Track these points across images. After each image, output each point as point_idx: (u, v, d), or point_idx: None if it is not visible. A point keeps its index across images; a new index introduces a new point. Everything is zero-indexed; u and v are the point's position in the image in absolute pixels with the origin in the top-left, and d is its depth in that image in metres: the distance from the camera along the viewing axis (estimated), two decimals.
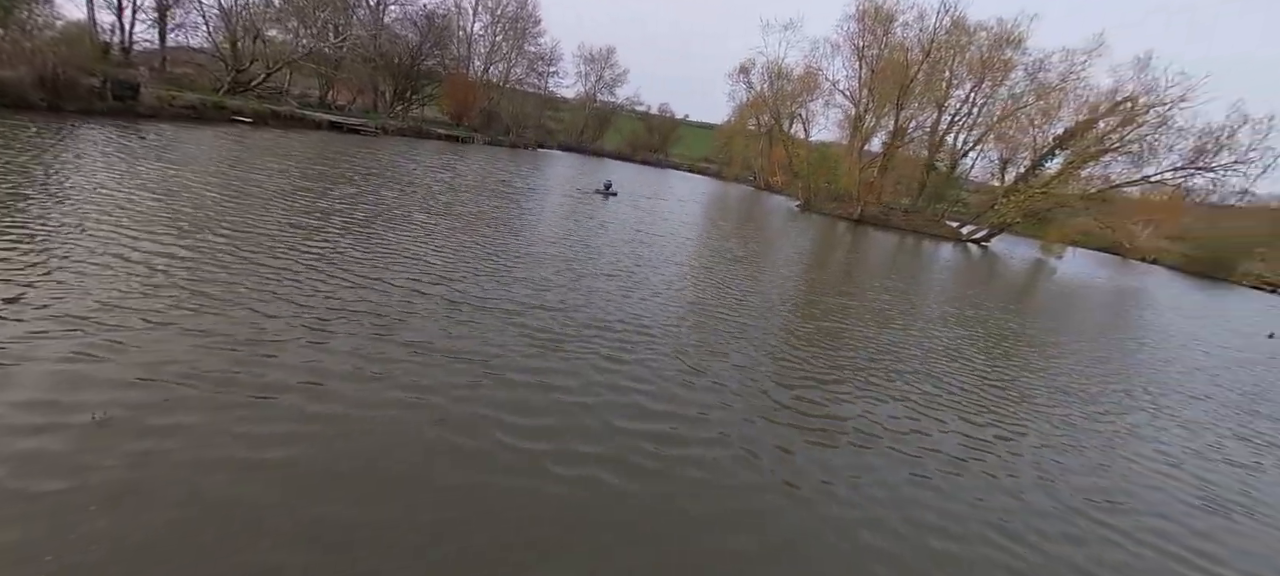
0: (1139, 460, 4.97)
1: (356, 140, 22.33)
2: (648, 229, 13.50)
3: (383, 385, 3.82)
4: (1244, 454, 5.66)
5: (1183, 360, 9.85)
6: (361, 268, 6.25)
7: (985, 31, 30.46)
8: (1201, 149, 26.06)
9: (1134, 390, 7.25)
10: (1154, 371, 8.58)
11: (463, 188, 14.40)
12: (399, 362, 4.18)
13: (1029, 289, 16.93)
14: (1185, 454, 5.34)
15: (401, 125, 31.20)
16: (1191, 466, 5.05)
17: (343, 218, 8.47)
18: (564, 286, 7.06)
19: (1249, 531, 4.08)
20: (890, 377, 5.94)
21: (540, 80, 48.39)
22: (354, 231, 7.80)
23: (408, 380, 3.95)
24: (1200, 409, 6.97)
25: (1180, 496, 4.41)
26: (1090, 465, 4.68)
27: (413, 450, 3.20)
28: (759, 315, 7.48)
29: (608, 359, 4.98)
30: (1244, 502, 4.52)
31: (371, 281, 5.86)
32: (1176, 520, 4.02)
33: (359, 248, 7.02)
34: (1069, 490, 4.14)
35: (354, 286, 5.61)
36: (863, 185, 31.20)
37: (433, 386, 3.93)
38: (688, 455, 3.67)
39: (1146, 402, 6.79)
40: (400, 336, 4.63)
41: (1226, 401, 7.57)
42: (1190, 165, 26.63)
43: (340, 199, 9.83)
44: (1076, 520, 3.76)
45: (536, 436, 3.55)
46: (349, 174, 12.97)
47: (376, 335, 4.58)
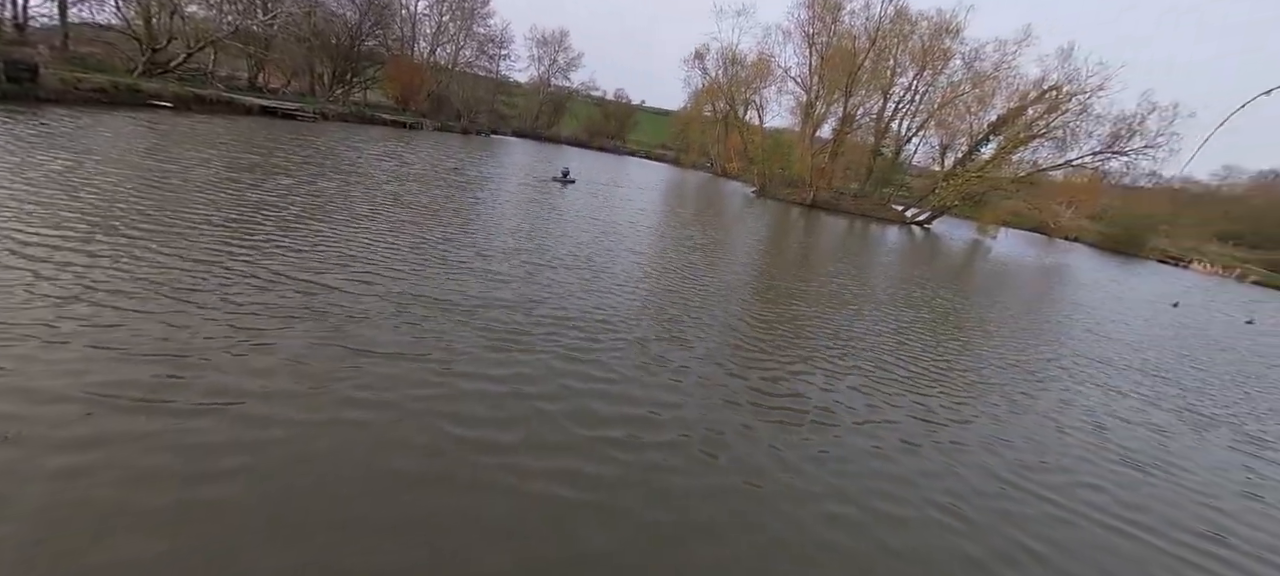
0: (1071, 431, 5.35)
1: (292, 126, 20.89)
2: (607, 217, 13.35)
3: (326, 396, 3.56)
4: (1159, 418, 6.20)
5: (1102, 331, 10.70)
6: (299, 266, 5.82)
7: (926, 21, 31.80)
8: (1116, 134, 28.27)
9: (1063, 361, 7.81)
10: (1079, 344, 9.27)
11: (411, 177, 13.71)
12: (343, 370, 3.91)
13: (967, 268, 17.93)
14: (1110, 421, 5.79)
15: (343, 110, 29.47)
16: (1116, 433, 5.49)
17: (277, 211, 7.88)
18: (522, 280, 6.85)
19: (1168, 491, 4.46)
20: (847, 359, 6.12)
21: (491, 63, 46.70)
22: (290, 226, 7.26)
23: (354, 389, 3.69)
24: (1119, 377, 7.58)
25: (1108, 462, 4.77)
26: (1030, 437, 4.99)
27: (361, 467, 2.98)
28: (720, 302, 7.54)
29: (569, 355, 4.87)
30: (1161, 463, 4.95)
31: (310, 281, 5.46)
32: (1107, 486, 4.34)
33: (296, 244, 6.54)
34: (1013, 463, 4.40)
35: (291, 287, 5.21)
36: (815, 171, 32.06)
37: (382, 394, 3.69)
38: (652, 454, 3.63)
39: (1075, 374, 7.32)
40: (344, 341, 4.34)
41: (1140, 368, 8.28)
42: (1107, 149, 28.84)
43: (274, 191, 9.15)
44: (1020, 493, 3.99)
45: (497, 443, 3.42)
46: (284, 163, 12.10)
47: (317, 341, 4.27)
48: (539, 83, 55.16)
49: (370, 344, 4.37)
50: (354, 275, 5.85)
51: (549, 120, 55.93)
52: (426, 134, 31.60)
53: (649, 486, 3.26)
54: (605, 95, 64.36)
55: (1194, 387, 7.74)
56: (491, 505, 2.87)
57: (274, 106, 23.55)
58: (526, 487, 3.05)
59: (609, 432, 3.75)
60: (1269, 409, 7.39)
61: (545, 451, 3.41)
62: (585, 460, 3.40)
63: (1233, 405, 7.23)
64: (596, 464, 3.38)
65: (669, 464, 3.53)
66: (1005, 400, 5.79)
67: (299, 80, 33.47)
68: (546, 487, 3.08)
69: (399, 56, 39.29)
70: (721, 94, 40.06)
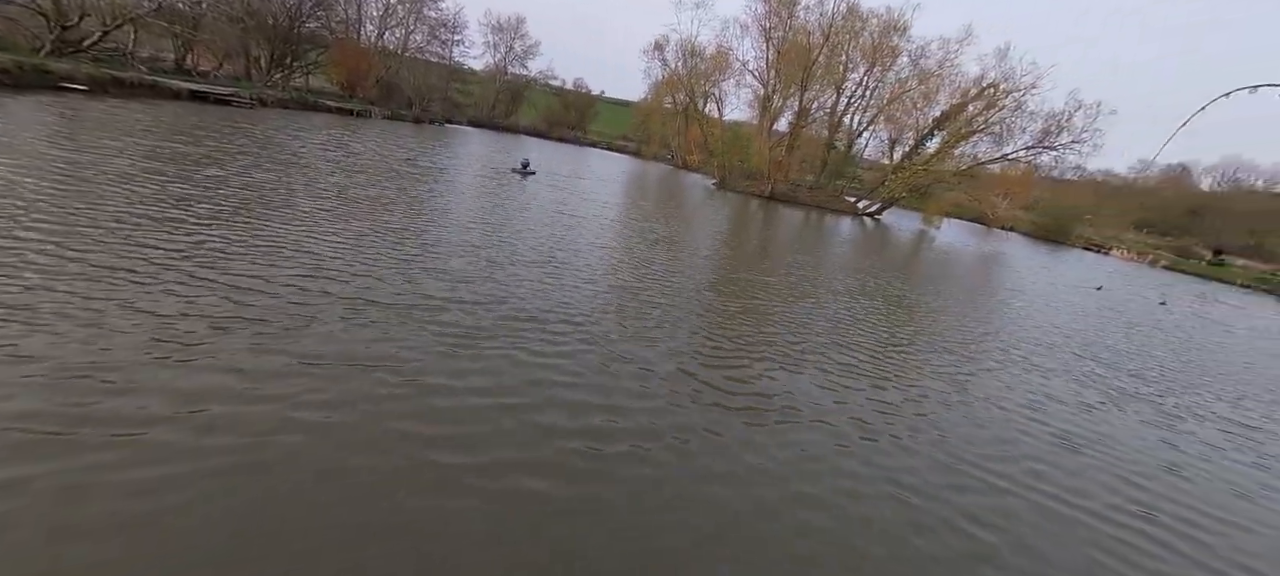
0: (1013, 412, 5.68)
1: (226, 113, 19.45)
2: (570, 211, 13.15)
3: (270, 407, 3.32)
4: (1088, 397, 6.68)
5: (1036, 316, 11.44)
6: (235, 266, 5.41)
7: (876, 18, 32.86)
8: (1047, 130, 30.20)
9: (1003, 345, 8.30)
10: (1017, 329, 9.87)
11: (359, 168, 13.01)
12: (289, 379, 3.65)
13: (915, 258, 18.79)
14: (1047, 402, 6.19)
15: (283, 96, 27.68)
16: (1052, 413, 5.87)
17: (208, 206, 7.30)
18: (482, 278, 6.63)
19: (1100, 467, 4.81)
20: (809, 351, 6.28)
21: (444, 49, 44.95)
22: (223, 223, 6.73)
23: (301, 399, 3.46)
24: (1052, 359, 8.12)
25: (1047, 442, 5.10)
26: (977, 420, 5.27)
27: (312, 486, 2.80)
28: (685, 297, 7.57)
29: (531, 355, 4.75)
30: (1093, 440, 5.33)
31: (248, 282, 5.09)
32: (1047, 462, 4.64)
33: (231, 242, 6.07)
34: (963, 448, 4.63)
35: (225, 290, 4.83)
36: (772, 164, 32.74)
37: (332, 404, 3.47)
38: (618, 452, 3.60)
39: (1015, 357, 7.79)
40: (288, 347, 4.06)
41: (1070, 350, 8.90)
42: (1038, 144, 30.77)
43: (204, 183, 8.48)
44: (971, 473, 4.20)
45: (457, 448, 3.29)
46: (216, 153, 11.25)
47: (258, 348, 3.98)
48: (495, 71, 53.63)
49: (318, 350, 4.10)
50: (298, 276, 5.48)
51: (506, 109, 54.53)
52: (375, 122, 30.16)
53: (618, 485, 3.22)
54: (564, 85, 63.31)
55: (1117, 367, 8.38)
56: (461, 516, 2.76)
57: (205, 91, 21.85)
58: (494, 494, 2.95)
59: (573, 434, 3.68)
60: (1182, 385, 8.10)
61: (510, 456, 3.31)
62: (550, 463, 3.32)
63: (1151, 382, 7.89)
64: (561, 466, 3.32)
65: (637, 463, 3.50)
66: (954, 387, 6.08)
67: (233, 63, 31.17)
68: (513, 494, 2.99)
69: (344, 40, 37.23)
70: (681, 86, 40.25)
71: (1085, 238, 44.65)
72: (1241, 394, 8.21)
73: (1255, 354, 11.92)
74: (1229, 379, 9.07)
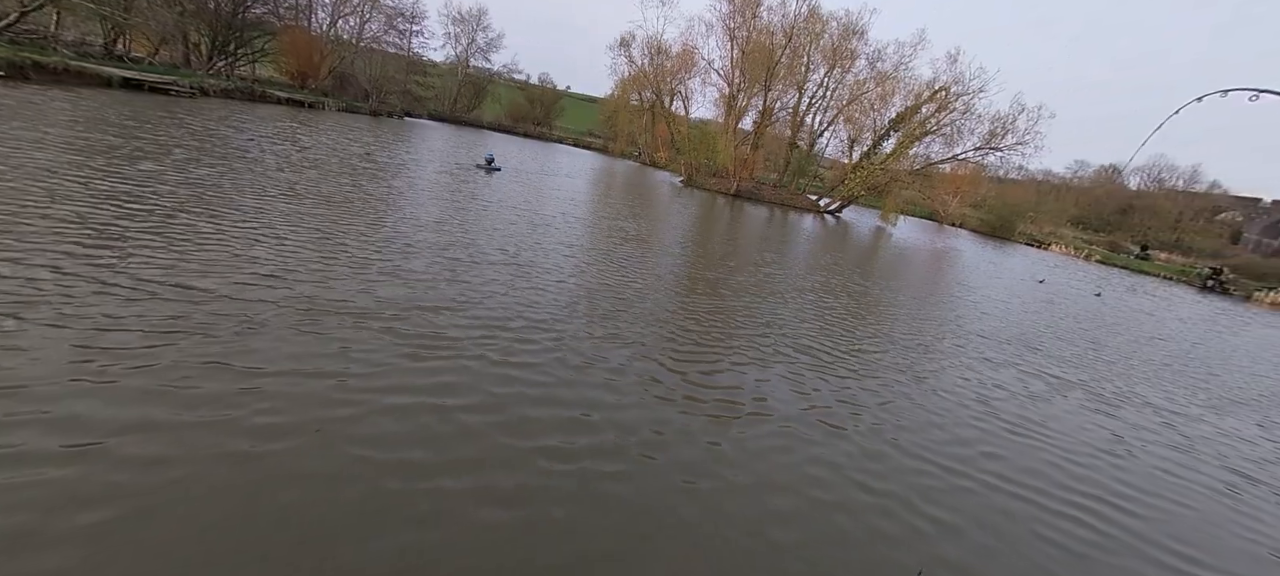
0: (969, 404, 5.96)
1: (163, 103, 18.20)
2: (537, 208, 12.95)
3: (209, 432, 3.06)
4: (1036, 387, 7.08)
5: (987, 309, 12.05)
6: (171, 271, 5.05)
7: (836, 21, 33.77)
8: (993, 132, 31.81)
9: (958, 339, 8.70)
10: (970, 322, 10.36)
11: (310, 164, 12.39)
12: (229, 400, 3.38)
13: (875, 254, 19.47)
14: (998, 392, 6.52)
15: (227, 85, 26.11)
16: (1005, 404, 6.19)
17: (140, 205, 6.82)
18: (445, 280, 6.43)
19: (1049, 453, 5.10)
20: (777, 348, 6.40)
21: (402, 40, 43.46)
22: (158, 223, 6.30)
23: (242, 423, 3.19)
24: (1002, 351, 8.57)
25: (1000, 431, 5.37)
26: (935, 414, 5.50)
27: (251, 522, 2.54)
28: (654, 296, 7.58)
29: (499, 360, 4.63)
30: (1040, 428, 5.66)
31: (185, 291, 4.75)
32: (1002, 452, 4.89)
33: (166, 246, 5.68)
34: (925, 439, 4.82)
35: (159, 300, 4.46)
36: (738, 162, 33.23)
37: (280, 425, 3.24)
38: (589, 461, 3.56)
39: (969, 350, 8.18)
40: (231, 361, 3.79)
41: (1017, 341, 9.42)
42: (985, 145, 32.37)
43: (135, 178, 7.92)
44: (934, 468, 4.38)
45: (418, 471, 3.12)
46: (149, 147, 10.51)
47: (195, 364, 3.67)
48: (457, 63, 52.25)
49: (267, 360, 3.87)
50: (243, 281, 5.17)
51: (469, 103, 53.24)
52: (329, 114, 28.87)
53: (590, 496, 3.18)
54: (529, 79, 62.36)
55: (1060, 357, 8.93)
56: (425, 535, 2.67)
57: (139, 78, 20.38)
58: (458, 511, 2.87)
59: (544, 442, 3.63)
60: (1118, 373, 8.70)
61: (477, 468, 3.22)
62: (522, 474, 3.25)
63: (1090, 370, 8.44)
64: (533, 477, 3.26)
65: (608, 470, 3.46)
66: (914, 380, 6.33)
67: (170, 49, 29.23)
68: (480, 509, 2.91)
69: (293, 27, 35.43)
70: (648, 83, 40.29)
71: (1027, 234, 47.34)
72: (1171, 379, 8.89)
73: (1184, 343, 12.92)
74: (1157, 364, 9.80)
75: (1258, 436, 6.86)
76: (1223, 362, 11.26)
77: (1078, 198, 65.78)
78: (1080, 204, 63.74)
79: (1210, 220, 60.62)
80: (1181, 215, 60.87)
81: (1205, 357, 11.46)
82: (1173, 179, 65.19)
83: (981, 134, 31.82)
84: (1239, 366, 11.25)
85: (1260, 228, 58.69)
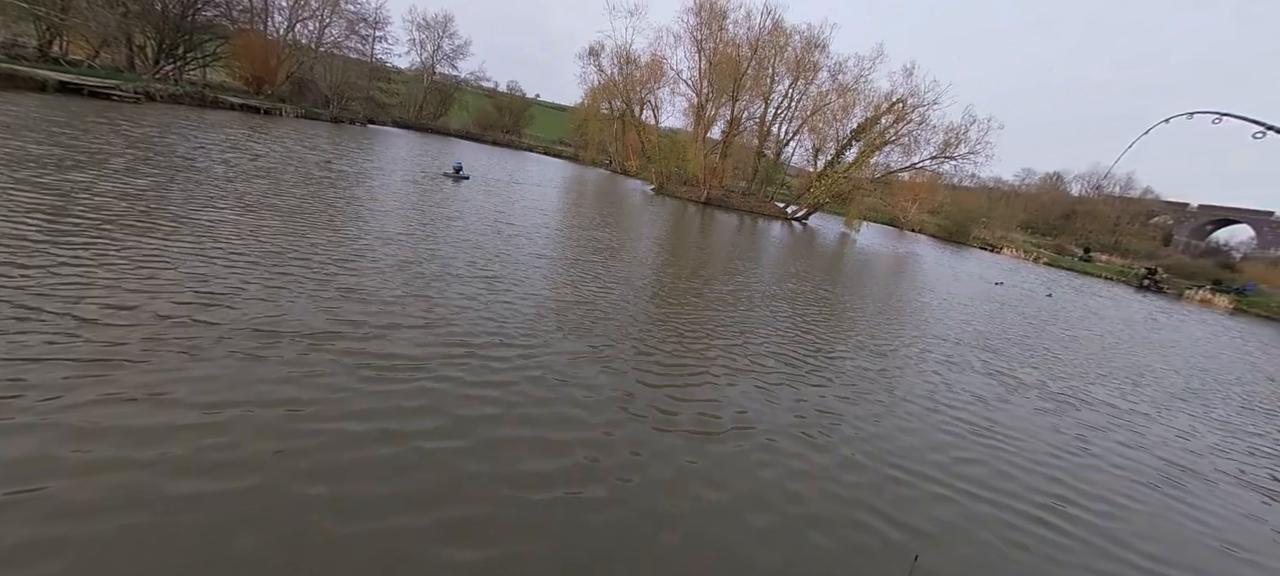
0: (943, 409, 6.13)
1: (104, 109, 17.15)
2: (507, 219, 12.75)
3: (139, 475, 2.77)
4: (1000, 391, 7.36)
5: (951, 313, 12.50)
6: (102, 294, 4.67)
7: (799, 34, 34.74)
8: (947, 142, 33.30)
9: (925, 344, 8.97)
10: (936, 326, 10.72)
11: (263, 173, 11.79)
12: (167, 436, 3.08)
13: (841, 260, 19.99)
14: (961, 396, 6.75)
15: (176, 90, 24.86)
16: (969, 407, 6.41)
17: (71, 220, 6.37)
18: (412, 298, 6.21)
19: (1017, 457, 5.29)
20: (753, 360, 6.46)
21: (364, 45, 42.39)
22: (89, 239, 5.87)
23: (182, 461, 2.92)
24: (968, 355, 8.89)
25: (974, 437, 5.55)
26: (907, 421, 5.63)
27: (193, 564, 2.35)
28: (629, 309, 7.55)
29: (465, 388, 4.36)
30: (1002, 428, 5.87)
31: (118, 315, 4.38)
32: (980, 458, 5.04)
33: (100, 263, 5.29)
34: (901, 448, 4.92)
35: (87, 324, 4.10)
36: (707, 170, 33.70)
37: (222, 465, 2.96)
38: (565, 493, 3.46)
39: (937, 354, 8.44)
40: (169, 392, 3.49)
41: (980, 346, 9.79)
42: (940, 155, 33.84)
43: (66, 191, 7.41)
44: (912, 476, 4.46)
45: (382, 508, 2.89)
46: (84, 154, 9.86)
47: (128, 398, 3.35)
48: (422, 70, 51.28)
49: (208, 397, 3.54)
50: (185, 304, 4.80)
51: (436, 110, 52.30)
52: (287, 121, 27.81)
53: (564, 527, 3.07)
54: (497, 87, 61.73)
55: (1022, 359, 9.32)
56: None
57: (78, 83, 19.17)
58: (428, 555, 2.72)
59: (515, 468, 3.53)
60: (1073, 372, 9.13)
61: (442, 502, 3.04)
62: (490, 506, 3.13)
63: (1045, 369, 8.83)
64: (504, 509, 3.14)
65: (584, 497, 3.38)
66: (886, 389, 6.46)
67: (112, 52, 27.63)
68: (447, 548, 2.76)
69: (247, 31, 34.06)
70: (618, 92, 40.43)
71: (981, 238, 49.58)
72: (1108, 373, 9.40)
73: (1127, 341, 13.70)
74: (1102, 362, 10.36)
75: (1201, 430, 7.31)
76: (1166, 359, 12.00)
77: (1026, 203, 69.43)
78: (1029, 209, 67.30)
79: (1145, 224, 64.96)
80: (1119, 219, 65.04)
81: (1151, 356, 12.19)
82: (1110, 185, 69.59)
83: (937, 144, 33.31)
84: (1184, 365, 12.00)
85: (1188, 230, 63.25)
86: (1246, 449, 6.90)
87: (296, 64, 35.96)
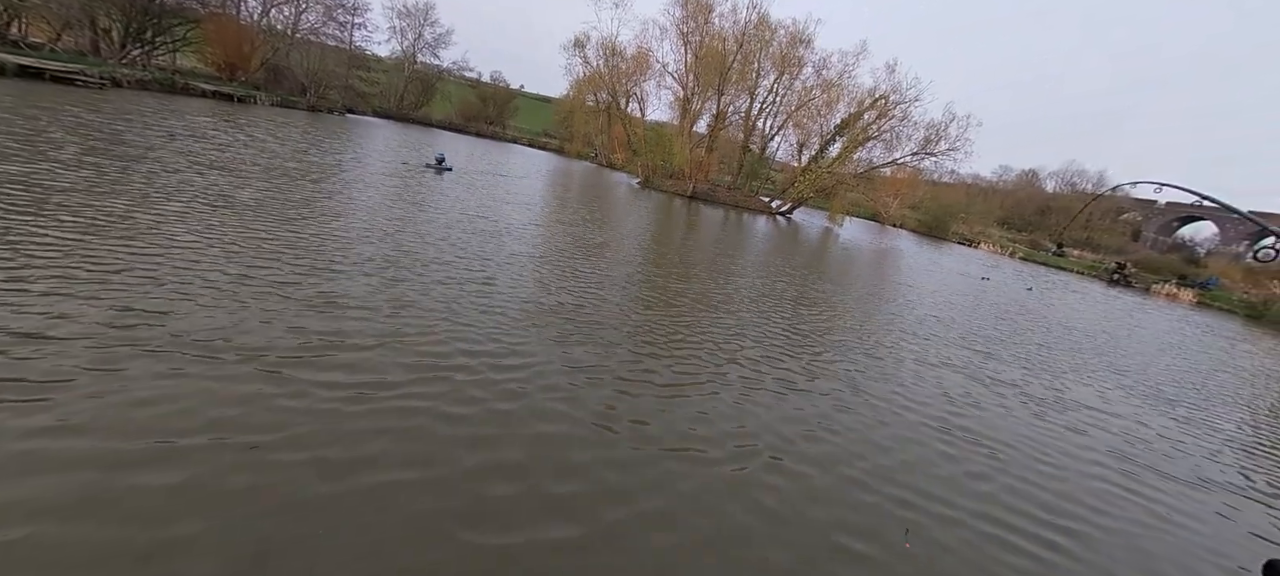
0: (941, 418, 6.27)
1: (65, 94, 16.46)
2: (492, 214, 12.57)
3: (63, 528, 2.33)
4: (978, 392, 7.55)
5: (942, 311, 12.75)
6: (21, 298, 4.08)
7: (784, 29, 34.88)
8: (928, 139, 33.84)
9: (905, 338, 9.15)
10: (929, 325, 10.93)
11: (230, 165, 11.16)
12: (105, 479, 2.62)
13: (823, 253, 20.23)
14: (966, 406, 6.90)
15: (143, 76, 23.97)
16: (980, 417, 6.54)
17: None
18: (384, 307, 5.53)
19: (1016, 472, 5.43)
20: (746, 371, 6.41)
21: (342, 32, 41.31)
22: (14, 234, 5.39)
23: (126, 504, 2.49)
24: (951, 350, 9.10)
25: (978, 453, 5.66)
26: (906, 437, 5.67)
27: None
28: (617, 317, 7.48)
29: (445, 418, 3.82)
30: (989, 437, 6.02)
31: (44, 321, 3.81)
32: (988, 472, 5.15)
33: (26, 262, 4.76)
34: (901, 463, 4.92)
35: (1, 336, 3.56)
36: (693, 164, 33.72)
37: (162, 514, 2.49)
38: (538, 536, 2.97)
39: (930, 356, 8.62)
40: (96, 422, 2.92)
41: (967, 346, 10.02)
42: (921, 151, 34.37)
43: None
44: (920, 494, 4.47)
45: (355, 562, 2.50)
46: (35, 138, 9.47)
47: (43, 429, 2.83)
48: (403, 59, 50.18)
49: (149, 424, 3.01)
50: (117, 309, 4.24)
51: (417, 100, 51.24)
52: (261, 110, 27.04)
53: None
54: (481, 77, 60.83)
55: (1013, 358, 9.56)
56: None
57: (39, 67, 18.36)
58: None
59: (503, 519, 3.02)
60: (1066, 370, 9.41)
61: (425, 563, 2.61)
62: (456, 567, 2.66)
63: (1035, 367, 9.09)
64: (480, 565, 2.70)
65: (558, 537, 2.96)
66: (887, 404, 6.34)
67: (75, 35, 26.49)
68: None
69: (219, 15, 32.91)
70: (603, 84, 40.17)
71: (960, 233, 50.61)
72: (1106, 374, 9.73)
73: (1116, 337, 14.16)
74: (1095, 360, 10.70)
75: (1173, 427, 7.62)
76: (1148, 354, 12.45)
77: (1003, 199, 71.00)
78: (1005, 205, 68.85)
79: (1115, 220, 66.92)
80: (1091, 216, 66.87)
81: (1134, 352, 12.63)
82: (1083, 183, 71.60)
83: (918, 140, 33.82)
84: (1160, 360, 12.45)
85: (1156, 226, 65.43)
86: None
87: (271, 50, 34.87)
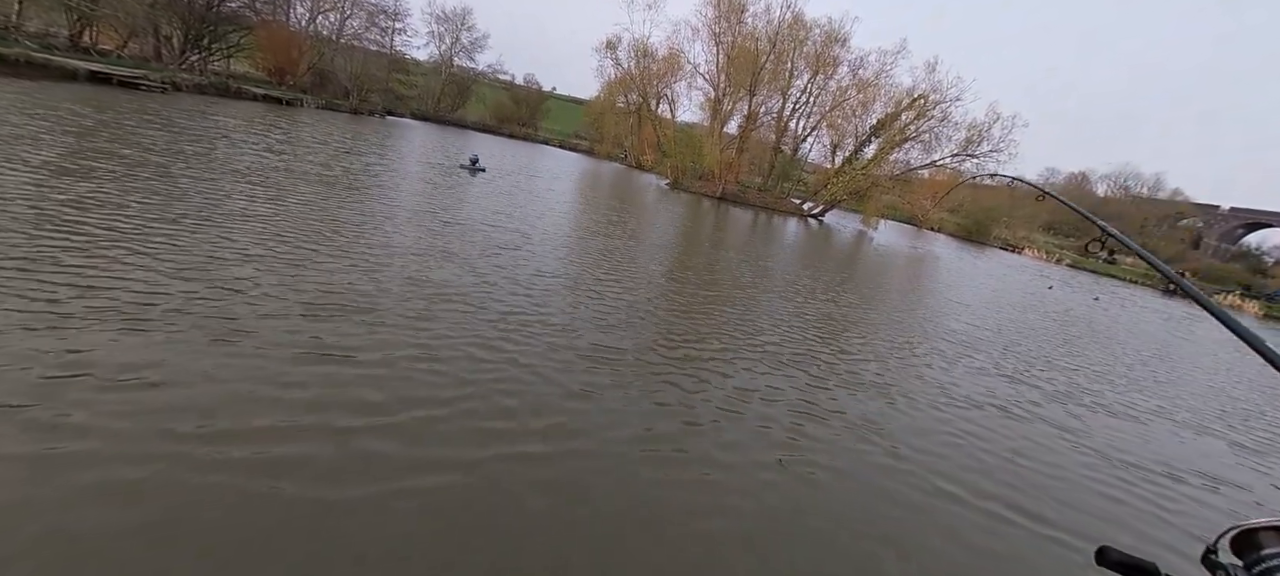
0: (955, 407, 6.08)
1: (129, 97, 17.57)
2: (527, 220, 12.67)
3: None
4: (1028, 400, 7.26)
5: (974, 314, 12.33)
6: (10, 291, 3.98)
7: (819, 28, 34.25)
8: (970, 139, 32.66)
9: (938, 346, 8.87)
10: (947, 332, 10.57)
11: (270, 170, 11.38)
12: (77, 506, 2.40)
13: (856, 258, 19.77)
14: (985, 406, 6.67)
15: (200, 81, 25.37)
16: (1022, 431, 6.31)
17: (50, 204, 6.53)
18: (415, 317, 5.22)
19: (1065, 480, 5.22)
20: (777, 398, 6.40)
21: (384, 37, 42.72)
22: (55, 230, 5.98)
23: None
24: (1005, 361, 8.77)
25: (1029, 467, 5.49)
26: (926, 424, 5.58)
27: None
28: (648, 328, 7.49)
29: (486, 433, 3.59)
30: (1044, 457, 5.79)
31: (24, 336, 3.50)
32: (1034, 487, 4.99)
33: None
34: (917, 451, 4.85)
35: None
36: (723, 165, 33.50)
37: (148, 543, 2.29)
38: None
39: (946, 356, 8.34)
40: (70, 475, 2.54)
41: (1014, 352, 9.65)
42: (962, 152, 33.22)
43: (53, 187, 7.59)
44: (960, 506, 4.44)
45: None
46: (109, 143, 10.13)
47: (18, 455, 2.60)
48: (441, 63, 51.58)
49: (148, 450, 2.81)
50: (121, 305, 4.17)
51: (453, 103, 52.58)
52: (308, 112, 28.25)
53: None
54: (514, 80, 61.90)
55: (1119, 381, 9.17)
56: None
57: (108, 72, 19.66)
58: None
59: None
60: (1134, 382, 8.98)
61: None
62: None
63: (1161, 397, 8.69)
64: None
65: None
66: (930, 405, 6.16)
67: (139, 43, 28.24)
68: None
69: (270, 22, 34.56)
70: (634, 85, 40.36)
71: (1002, 238, 48.69)
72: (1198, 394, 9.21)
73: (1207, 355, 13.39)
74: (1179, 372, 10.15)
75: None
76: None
77: (1049, 203, 67.81)
78: (1052, 209, 65.73)
79: (1173, 226, 63.19)
80: (1146, 221, 63.30)
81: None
82: (1138, 187, 67.80)
83: (958, 141, 32.68)
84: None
85: (1218, 233, 61.41)
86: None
87: (318, 55, 36.39)
